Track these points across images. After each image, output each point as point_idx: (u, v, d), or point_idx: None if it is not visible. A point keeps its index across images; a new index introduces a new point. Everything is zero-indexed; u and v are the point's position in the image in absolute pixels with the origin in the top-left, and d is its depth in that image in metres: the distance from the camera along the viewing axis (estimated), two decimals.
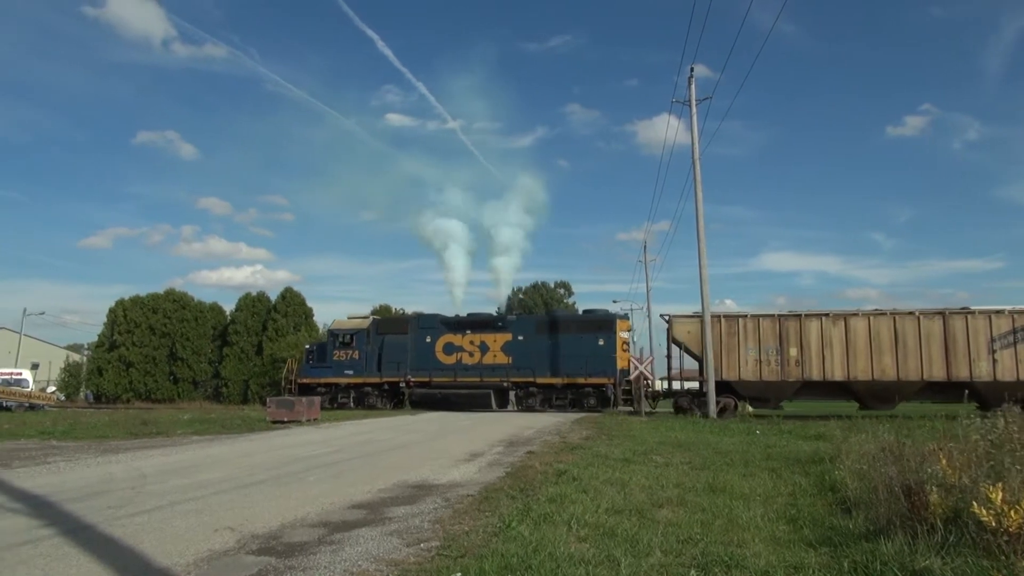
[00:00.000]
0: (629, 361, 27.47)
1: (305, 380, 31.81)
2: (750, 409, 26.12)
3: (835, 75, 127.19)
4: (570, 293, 79.90)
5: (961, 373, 23.19)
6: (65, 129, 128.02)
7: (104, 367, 49.57)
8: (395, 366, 30.37)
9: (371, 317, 33.40)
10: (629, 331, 30.78)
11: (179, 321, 50.57)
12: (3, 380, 33.87)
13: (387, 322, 32.89)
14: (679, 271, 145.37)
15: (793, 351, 24.53)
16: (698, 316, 24.76)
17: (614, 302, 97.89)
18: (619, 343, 28.10)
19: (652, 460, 10.47)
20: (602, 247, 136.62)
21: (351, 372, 31.11)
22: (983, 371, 23.07)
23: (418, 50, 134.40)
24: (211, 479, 8.94)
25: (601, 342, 28.02)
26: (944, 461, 5.51)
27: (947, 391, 23.84)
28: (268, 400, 22.25)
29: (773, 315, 25.34)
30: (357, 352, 31.16)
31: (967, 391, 22.14)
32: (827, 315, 24.76)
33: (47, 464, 10.76)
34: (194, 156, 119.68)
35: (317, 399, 22.71)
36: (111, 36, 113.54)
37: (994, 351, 23.24)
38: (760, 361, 24.79)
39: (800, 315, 24.93)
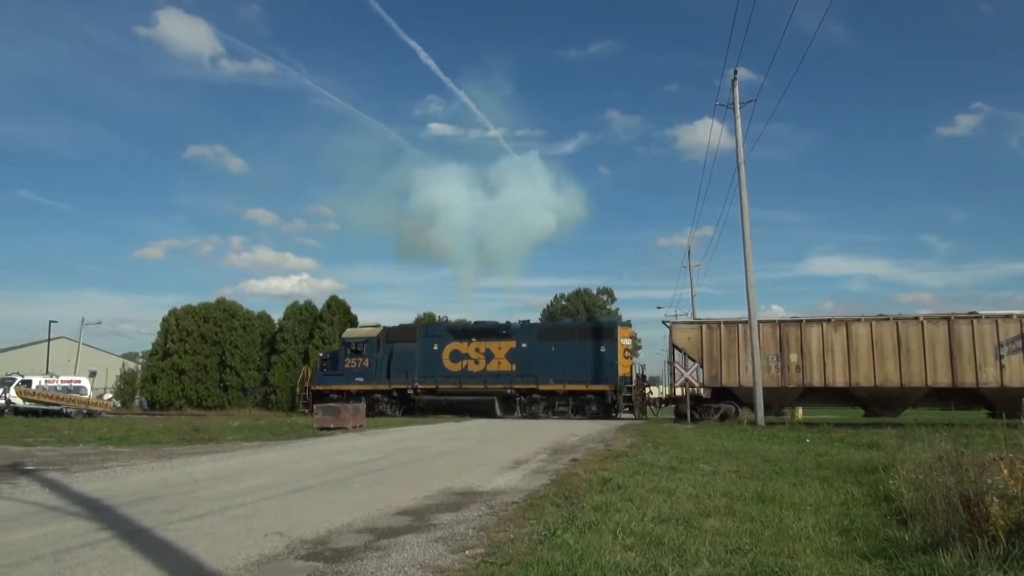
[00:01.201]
0: (631, 368, 28.25)
1: (319, 387, 32.60)
2: (800, 415, 25.77)
3: (883, 75, 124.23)
4: (613, 299, 79.29)
5: (967, 379, 22.71)
6: (119, 144, 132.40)
7: (158, 375, 50.89)
8: (403, 373, 30.98)
9: (381, 326, 33.98)
10: (631, 338, 30.81)
11: (229, 330, 51.66)
12: (63, 387, 34.96)
13: (396, 331, 33.34)
14: (724, 276, 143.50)
15: (794, 357, 24.48)
16: (697, 323, 26.05)
17: (658, 308, 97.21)
18: (620, 350, 28.21)
19: (699, 468, 10.32)
20: (644, 253, 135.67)
21: (362, 379, 31.76)
22: (990, 377, 22.54)
23: (460, 59, 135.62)
24: (260, 485, 9.10)
25: (603, 349, 28.23)
26: (1005, 471, 5.31)
27: (953, 398, 23.54)
28: (315, 407, 22.56)
29: (773, 321, 25.46)
30: (367, 360, 31.86)
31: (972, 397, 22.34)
32: (828, 321, 24.68)
33: (104, 469, 11.09)
34: (242, 168, 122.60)
35: (362, 405, 22.95)
36: (162, 54, 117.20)
37: (1001, 356, 22.71)
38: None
39: (801, 321, 24.96)
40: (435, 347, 30.97)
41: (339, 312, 51.37)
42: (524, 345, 29.60)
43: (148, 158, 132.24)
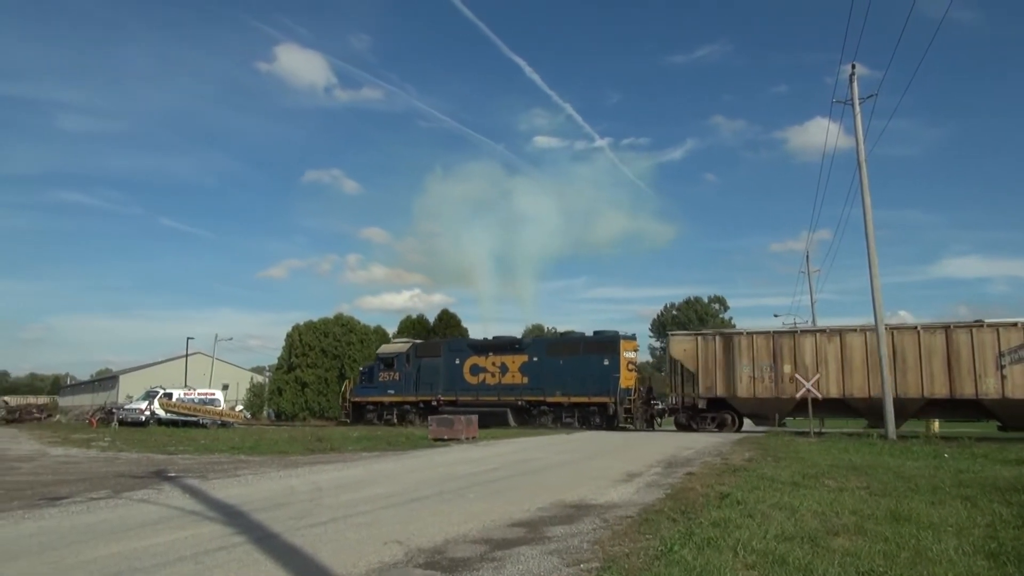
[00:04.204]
0: (635, 380, 28.96)
1: (357, 399, 35.27)
2: (936, 428, 24.53)
3: (1019, 61, 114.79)
4: (725, 308, 77.04)
5: (966, 390, 21.81)
6: (246, 171, 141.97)
7: (283, 387, 53.64)
8: (429, 386, 32.85)
9: (411, 342, 36.14)
10: (635, 351, 31.22)
11: (347, 344, 53.80)
12: (200, 399, 37.36)
13: (423, 346, 35.20)
14: (846, 282, 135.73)
15: (788, 368, 24.50)
16: (694, 334, 27.03)
17: (775, 316, 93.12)
18: (623, 363, 28.78)
19: (824, 484, 9.80)
20: (756, 259, 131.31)
21: (393, 392, 33.91)
22: (990, 388, 21.50)
23: (564, 72, 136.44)
24: (379, 494, 9.39)
25: (606, 362, 28.85)
26: None
27: (952, 409, 22.83)
28: (430, 418, 23.07)
29: (768, 332, 25.67)
30: (398, 374, 33.96)
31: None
32: (823, 331, 24.77)
33: (237, 476, 11.78)
34: (356, 190, 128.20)
35: (475, 418, 23.33)
36: (281, 86, 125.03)
37: (1003, 366, 21.66)
38: (754, 378, 25.04)
39: (795, 332, 25.28)
40: (457, 361, 32.61)
41: (450, 325, 52.50)
42: (535, 359, 30.81)
43: (271, 184, 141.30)
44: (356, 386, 36.22)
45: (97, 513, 8.03)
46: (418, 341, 37.32)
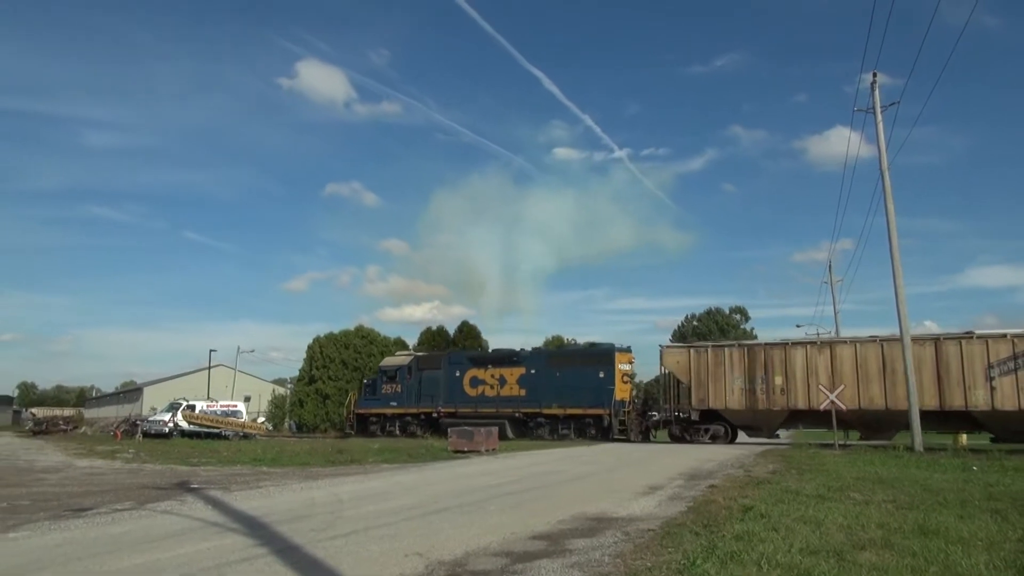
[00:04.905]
0: (629, 392, 29.25)
1: (360, 411, 35.48)
2: (964, 441, 24.27)
3: None
4: (746, 318, 76.24)
5: (955, 402, 21.76)
6: (267, 185, 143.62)
7: (304, 399, 53.90)
8: (430, 398, 33.11)
9: (413, 354, 36.57)
10: (631, 363, 31.16)
11: (368, 356, 53.93)
12: (222, 411, 37.62)
13: (425, 359, 35.38)
14: (870, 292, 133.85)
15: (778, 379, 24.60)
16: (686, 346, 27.37)
17: (797, 326, 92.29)
18: (618, 375, 28.84)
19: (849, 497, 9.65)
20: (778, 269, 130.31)
21: (395, 404, 34.12)
22: (980, 400, 21.43)
23: (583, 84, 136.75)
24: (400, 506, 9.39)
25: (601, 374, 28.92)
26: None
27: (943, 421, 22.73)
28: (450, 430, 23.07)
29: (759, 344, 25.99)
30: (399, 386, 34.20)
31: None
32: (813, 343, 25.04)
33: (259, 488, 11.84)
34: (375, 202, 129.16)
35: (495, 430, 23.33)
36: (302, 101, 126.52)
37: (992, 378, 21.62)
38: (745, 390, 25.16)
39: (786, 343, 25.27)
40: (457, 374, 32.76)
41: (471, 336, 52.51)
42: (533, 371, 30.94)
43: (293, 197, 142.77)
44: (360, 398, 36.62)
45: (122, 524, 8.11)
46: (420, 353, 37.72)
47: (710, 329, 70.85)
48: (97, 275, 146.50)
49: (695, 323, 74.23)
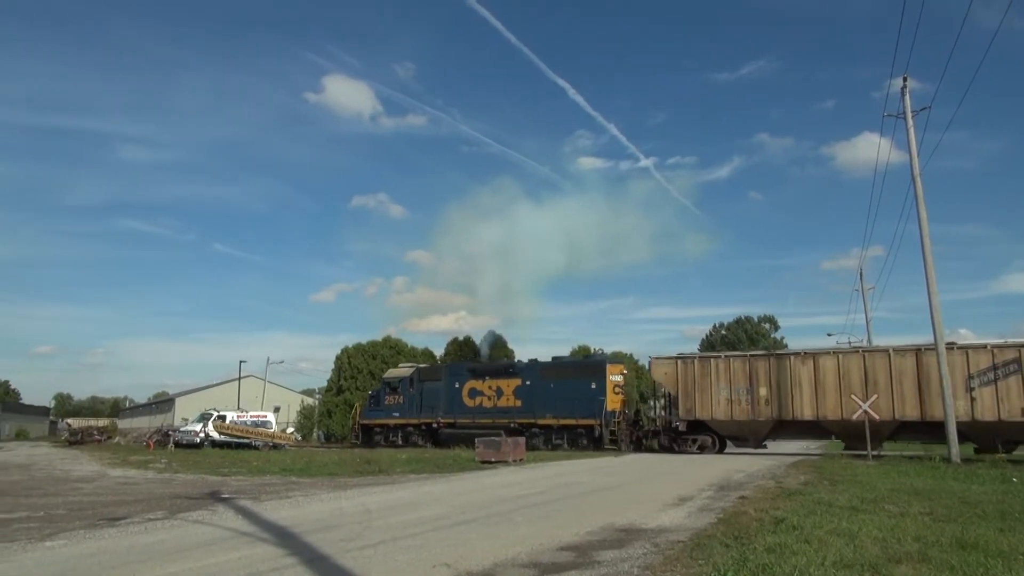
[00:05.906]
0: (620, 403, 29.33)
1: (365, 421, 36.26)
2: (1002, 453, 23.83)
3: None
4: (776, 327, 75.26)
5: (936, 412, 21.40)
6: (296, 197, 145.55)
7: (332, 409, 54.17)
8: (431, 409, 33.65)
9: (415, 366, 37.14)
10: (622, 374, 31.14)
11: (395, 366, 54.19)
12: (252, 422, 38.01)
13: (426, 370, 36.07)
14: (902, 299, 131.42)
15: (763, 390, 24.79)
16: (674, 358, 27.06)
17: (828, 335, 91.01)
18: (610, 386, 29.06)
19: (884, 509, 9.45)
20: (807, 277, 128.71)
21: (397, 414, 34.81)
22: (960, 410, 21.07)
23: (609, 93, 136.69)
24: (428, 516, 9.40)
25: (593, 385, 29.24)
26: None
27: (925, 431, 22.71)
28: (477, 441, 23.04)
29: (744, 355, 26.15)
30: (402, 397, 34.97)
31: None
32: (797, 354, 24.99)
33: (288, 498, 11.93)
34: (402, 214, 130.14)
35: (522, 440, 23.29)
36: (328, 115, 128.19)
37: (972, 388, 21.60)
38: (731, 401, 25.31)
39: (770, 354, 25.60)
40: (456, 385, 33.31)
41: (497, 346, 52.44)
42: (528, 382, 31.29)
43: (320, 209, 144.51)
44: (365, 409, 37.29)
45: (154, 534, 8.22)
46: (422, 366, 38.32)
47: (739, 338, 70.08)
48: (131, 288, 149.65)
49: (724, 332, 73.50)
